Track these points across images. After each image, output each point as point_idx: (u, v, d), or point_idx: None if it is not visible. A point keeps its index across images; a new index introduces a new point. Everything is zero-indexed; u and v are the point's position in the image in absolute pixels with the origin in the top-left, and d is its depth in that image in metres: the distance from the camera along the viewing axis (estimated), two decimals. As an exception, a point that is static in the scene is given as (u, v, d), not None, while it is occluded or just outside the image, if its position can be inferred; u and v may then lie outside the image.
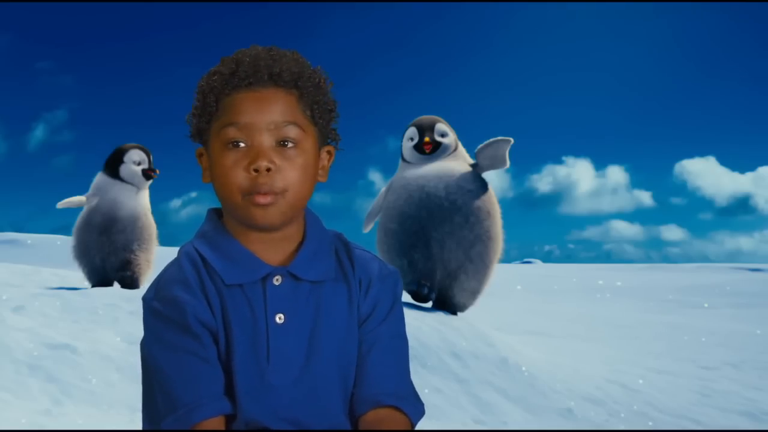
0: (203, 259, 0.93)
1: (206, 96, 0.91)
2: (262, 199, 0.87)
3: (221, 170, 0.89)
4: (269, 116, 0.88)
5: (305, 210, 0.97)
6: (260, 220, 0.89)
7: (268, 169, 0.87)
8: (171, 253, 1.04)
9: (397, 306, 0.99)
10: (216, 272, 0.91)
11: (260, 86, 0.89)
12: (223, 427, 0.88)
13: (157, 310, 0.91)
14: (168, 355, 0.89)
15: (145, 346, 0.93)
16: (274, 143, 0.89)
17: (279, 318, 0.91)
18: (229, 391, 0.90)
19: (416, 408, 0.95)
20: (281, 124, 0.89)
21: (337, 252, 0.98)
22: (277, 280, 0.92)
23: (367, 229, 5.70)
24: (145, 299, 0.93)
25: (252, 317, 0.91)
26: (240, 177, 0.88)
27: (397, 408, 0.93)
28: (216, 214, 0.98)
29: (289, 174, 0.89)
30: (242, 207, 0.89)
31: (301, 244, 0.95)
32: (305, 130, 0.91)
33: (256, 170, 0.87)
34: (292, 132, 0.89)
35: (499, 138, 5.24)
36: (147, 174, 6.21)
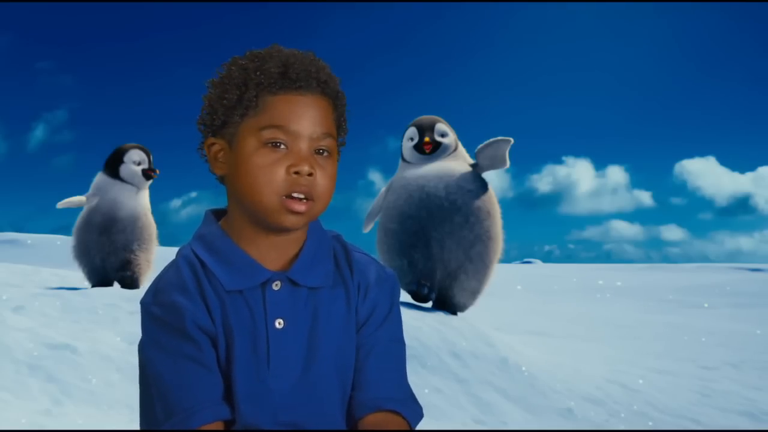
0: (202, 263, 0.92)
1: (244, 90, 0.89)
2: (297, 207, 0.88)
3: (255, 168, 0.88)
4: (312, 125, 0.89)
5: None
6: (288, 222, 0.89)
7: (310, 174, 0.88)
8: (171, 253, 1.03)
9: (395, 310, 0.99)
10: (215, 277, 0.91)
11: (308, 91, 0.90)
12: None
13: (156, 315, 0.91)
14: (166, 360, 0.89)
15: (144, 351, 0.93)
16: (312, 151, 0.90)
17: (278, 323, 0.91)
18: (228, 395, 0.90)
19: (415, 411, 0.95)
20: (322, 135, 0.90)
21: (336, 255, 0.98)
22: (276, 286, 0.92)
23: (367, 229, 5.70)
24: (144, 303, 0.93)
25: (252, 322, 0.91)
26: (279, 177, 0.87)
27: (396, 412, 0.93)
28: (214, 216, 0.98)
29: (323, 182, 0.90)
30: (271, 208, 0.88)
31: (301, 247, 0.95)
32: (335, 141, 0.93)
33: (296, 173, 0.87)
34: (328, 142, 0.91)
35: (499, 138, 5.24)
36: (147, 174, 6.20)
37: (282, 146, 0.88)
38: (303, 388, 0.91)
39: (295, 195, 0.88)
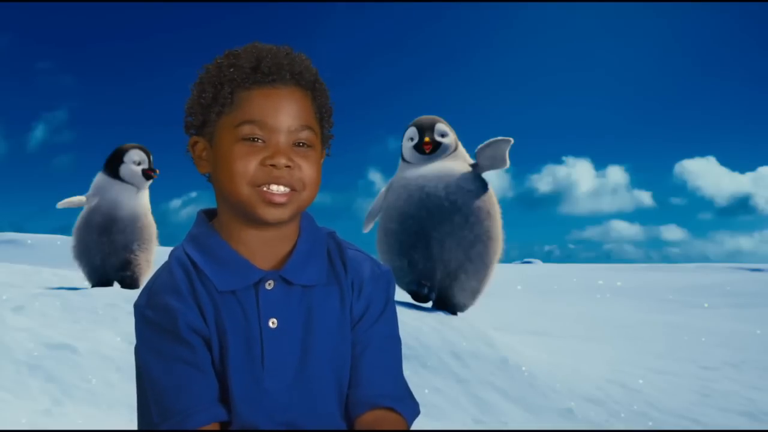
0: (194, 264, 0.92)
1: (219, 88, 0.89)
2: (278, 198, 0.88)
3: (231, 161, 0.88)
4: (289, 118, 0.88)
5: None
6: (269, 215, 0.88)
7: (288, 166, 0.88)
8: (171, 253, 1.03)
9: (390, 306, 0.99)
10: (208, 278, 0.91)
11: (282, 84, 0.89)
12: None
13: (149, 318, 0.91)
14: (160, 364, 0.89)
15: (139, 354, 0.93)
16: (290, 144, 0.89)
17: (272, 322, 0.91)
18: (224, 397, 0.90)
19: (411, 408, 0.95)
20: (299, 128, 0.89)
21: (330, 253, 0.98)
22: (269, 285, 0.92)
23: (367, 229, 5.70)
24: (137, 306, 0.93)
25: (245, 322, 0.90)
26: (252, 168, 0.87)
27: (392, 409, 0.93)
28: (206, 216, 0.98)
29: (305, 172, 0.89)
30: (249, 199, 0.88)
31: (294, 245, 0.95)
32: (316, 133, 0.92)
33: (273, 165, 0.87)
34: (308, 134, 0.90)
35: (499, 138, 5.24)
36: (147, 174, 6.20)
37: (259, 141, 0.88)
38: (299, 387, 0.91)
39: (273, 187, 0.87)
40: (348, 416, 0.94)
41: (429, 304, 5.26)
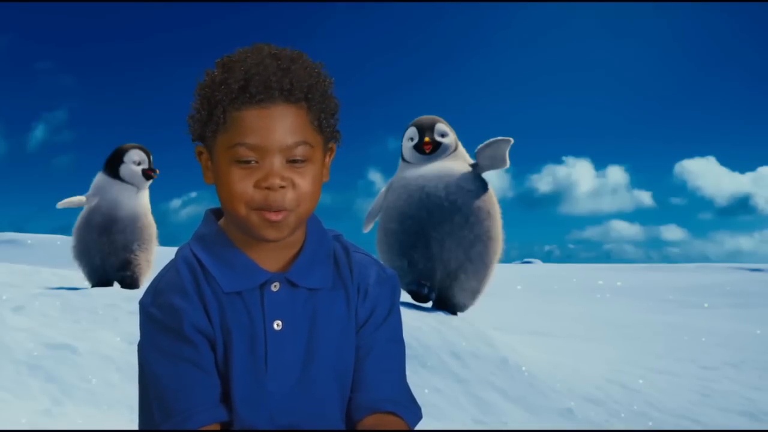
0: (201, 264, 0.92)
1: (213, 107, 0.88)
2: (274, 216, 0.87)
3: (228, 183, 0.88)
4: (281, 138, 0.87)
5: None
6: (270, 235, 0.89)
7: (281, 187, 0.87)
8: (171, 253, 1.03)
9: (395, 310, 0.99)
10: (214, 279, 0.91)
11: (272, 103, 0.87)
12: None
13: (154, 317, 0.91)
14: (164, 362, 0.89)
15: (142, 352, 0.93)
16: (284, 161, 0.88)
17: (277, 324, 0.91)
18: (227, 398, 0.90)
19: (414, 413, 0.95)
20: (293, 145, 0.88)
21: (336, 256, 0.98)
22: (275, 287, 0.92)
23: (367, 229, 5.70)
24: (143, 304, 0.93)
25: (250, 324, 0.91)
26: (249, 191, 0.87)
27: (394, 413, 0.93)
28: (214, 216, 0.98)
29: (299, 189, 0.89)
30: (248, 220, 0.88)
31: (300, 249, 0.95)
32: (314, 144, 0.90)
33: (267, 188, 0.87)
34: (303, 150, 0.89)
35: (499, 138, 5.23)
36: (147, 174, 6.20)
37: (252, 162, 0.87)
38: (301, 390, 0.91)
39: (268, 210, 0.87)
40: (349, 420, 0.94)
41: (429, 304, 5.26)
